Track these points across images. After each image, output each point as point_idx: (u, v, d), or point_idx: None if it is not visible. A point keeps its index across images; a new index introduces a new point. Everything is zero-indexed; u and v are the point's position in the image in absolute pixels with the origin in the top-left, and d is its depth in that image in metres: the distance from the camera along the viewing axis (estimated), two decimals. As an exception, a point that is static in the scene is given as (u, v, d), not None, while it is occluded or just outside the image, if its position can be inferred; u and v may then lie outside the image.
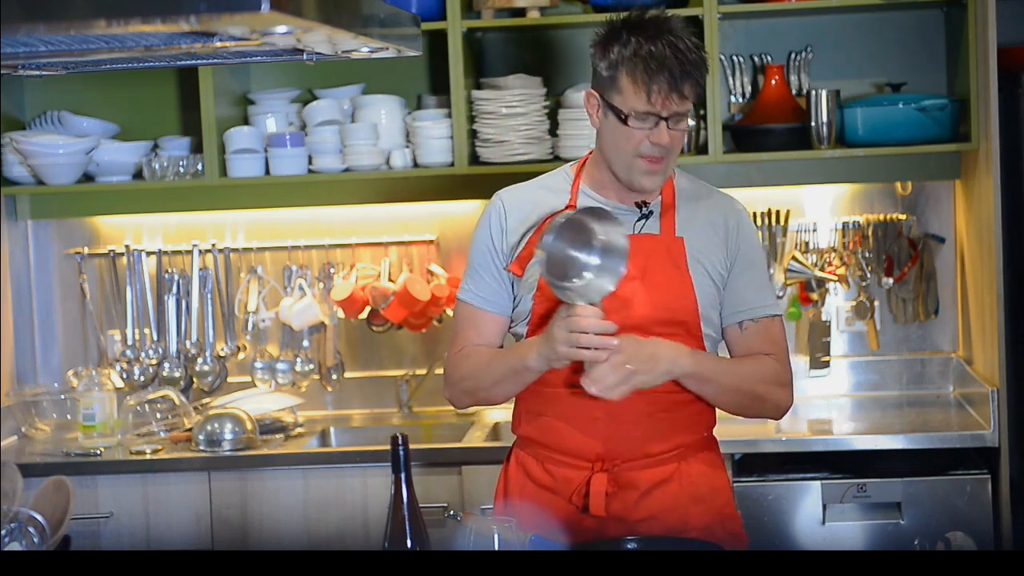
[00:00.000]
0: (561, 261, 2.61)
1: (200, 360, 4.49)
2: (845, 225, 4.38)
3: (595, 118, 2.78)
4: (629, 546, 2.56)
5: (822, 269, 4.35)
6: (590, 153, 2.87)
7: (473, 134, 4.28)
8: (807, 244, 4.38)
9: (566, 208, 2.81)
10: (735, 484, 3.85)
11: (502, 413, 4.27)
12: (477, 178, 4.24)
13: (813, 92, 4.15)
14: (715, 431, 2.91)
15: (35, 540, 2.27)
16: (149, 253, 4.52)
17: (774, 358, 2.82)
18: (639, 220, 2.79)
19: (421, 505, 2.36)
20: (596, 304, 2.60)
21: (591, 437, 2.76)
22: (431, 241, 4.46)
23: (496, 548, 2.36)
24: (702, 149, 4.22)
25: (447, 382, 2.92)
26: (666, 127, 2.69)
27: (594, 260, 2.62)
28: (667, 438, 2.78)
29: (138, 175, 4.40)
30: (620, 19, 2.75)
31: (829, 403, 4.35)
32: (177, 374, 4.49)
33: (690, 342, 2.77)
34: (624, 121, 2.71)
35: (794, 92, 4.35)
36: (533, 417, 2.83)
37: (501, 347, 2.88)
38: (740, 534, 2.87)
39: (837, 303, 4.43)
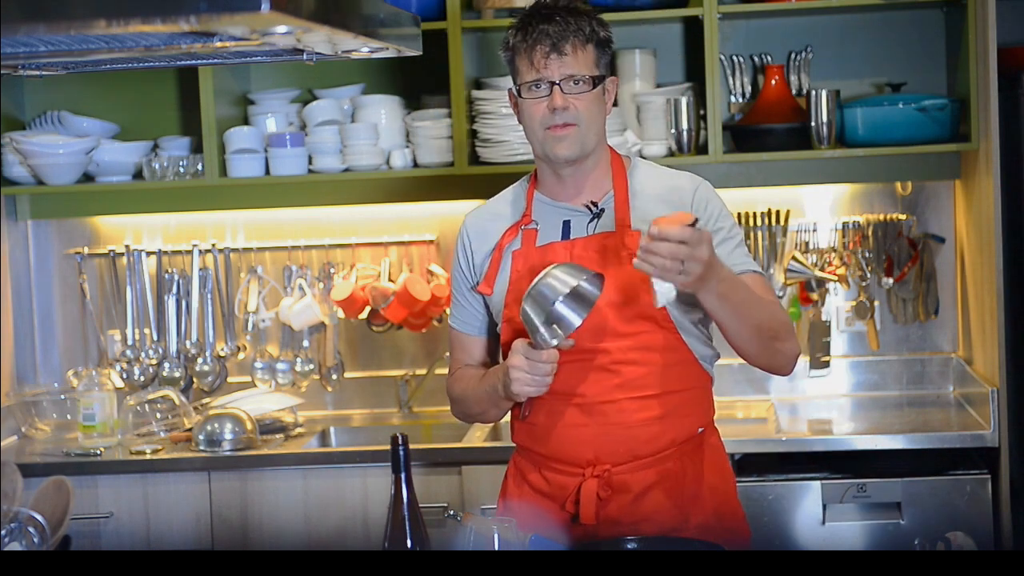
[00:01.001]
0: (538, 314, 2.61)
1: (200, 360, 4.49)
2: (845, 225, 4.38)
3: (515, 112, 2.81)
4: (629, 546, 2.55)
5: (822, 269, 4.35)
6: None
7: (473, 134, 4.28)
8: (807, 244, 4.38)
9: (523, 218, 2.81)
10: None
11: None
12: (477, 178, 4.23)
13: (813, 92, 4.15)
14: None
15: (35, 540, 2.27)
16: (149, 253, 4.52)
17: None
18: (591, 220, 2.79)
19: (421, 505, 2.36)
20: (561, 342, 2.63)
21: (581, 443, 2.76)
22: (431, 241, 4.46)
23: (496, 548, 2.36)
24: (702, 149, 4.22)
25: (450, 401, 2.99)
26: (560, 91, 2.70)
27: (562, 310, 2.62)
28: (658, 438, 2.76)
29: (138, 175, 4.40)
30: (524, 12, 2.79)
31: (829, 403, 4.35)
32: (177, 374, 4.49)
33: (665, 336, 2.74)
34: (521, 96, 2.74)
35: (794, 92, 4.35)
36: (526, 425, 2.83)
37: (489, 364, 2.92)
38: (741, 529, 2.86)
39: (837, 303, 4.43)
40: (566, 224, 2.79)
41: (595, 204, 2.79)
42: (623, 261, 2.73)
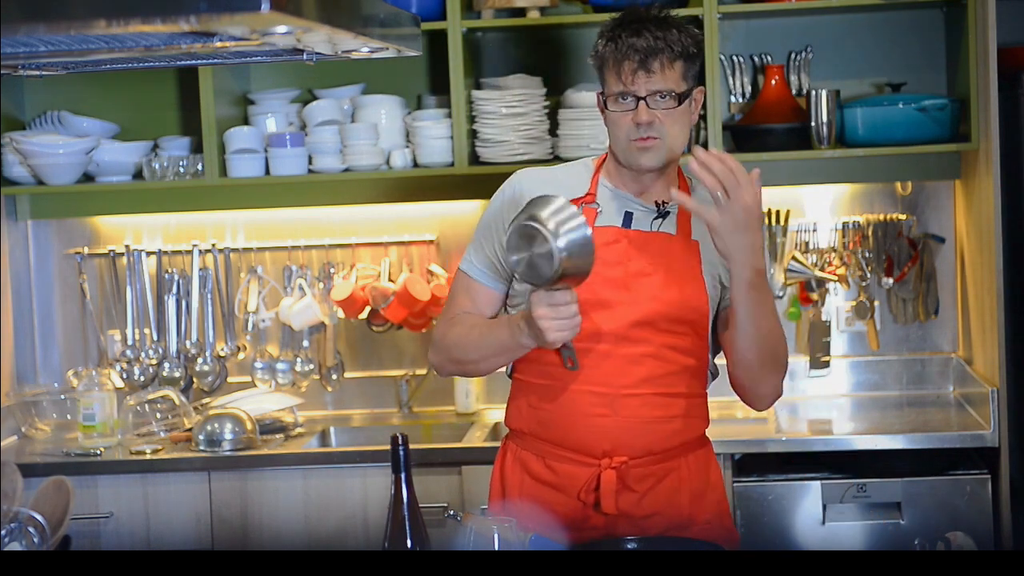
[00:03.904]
0: (531, 261, 2.60)
1: (200, 360, 4.49)
2: (845, 225, 4.38)
3: (602, 116, 2.82)
4: (629, 546, 2.56)
5: (822, 269, 4.35)
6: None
7: (473, 134, 4.28)
8: (807, 244, 4.38)
9: (585, 196, 2.82)
10: (735, 484, 3.85)
11: (503, 413, 4.26)
12: (477, 178, 4.23)
13: (813, 92, 4.15)
14: (717, 431, 2.94)
15: (35, 540, 2.27)
16: (149, 253, 4.52)
17: None
18: (656, 218, 2.82)
19: (421, 505, 2.36)
20: (572, 286, 2.60)
21: (599, 433, 2.76)
22: (431, 241, 4.46)
23: (496, 548, 2.36)
24: (702, 149, 4.21)
25: (434, 347, 2.92)
26: (646, 106, 2.72)
27: (560, 244, 2.55)
28: (670, 436, 2.80)
29: (138, 175, 4.40)
30: (615, 19, 2.80)
31: (829, 403, 4.35)
32: (177, 374, 4.49)
33: (696, 342, 2.80)
34: (608, 107, 2.76)
35: (794, 92, 4.35)
36: (535, 412, 2.83)
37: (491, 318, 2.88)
38: (734, 530, 2.91)
39: (837, 303, 4.43)
40: (628, 215, 2.81)
41: (664, 204, 2.82)
42: (680, 265, 2.77)
